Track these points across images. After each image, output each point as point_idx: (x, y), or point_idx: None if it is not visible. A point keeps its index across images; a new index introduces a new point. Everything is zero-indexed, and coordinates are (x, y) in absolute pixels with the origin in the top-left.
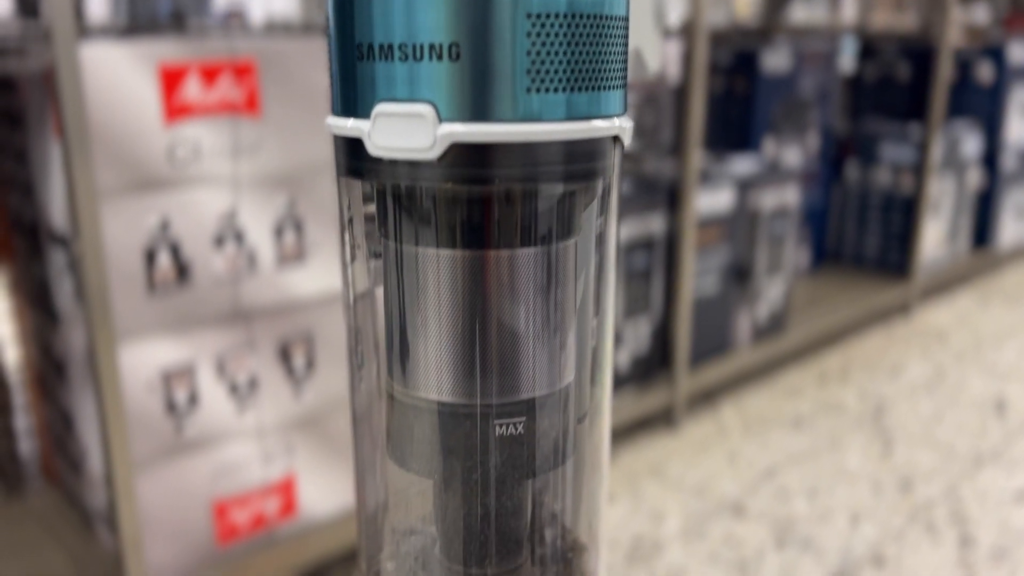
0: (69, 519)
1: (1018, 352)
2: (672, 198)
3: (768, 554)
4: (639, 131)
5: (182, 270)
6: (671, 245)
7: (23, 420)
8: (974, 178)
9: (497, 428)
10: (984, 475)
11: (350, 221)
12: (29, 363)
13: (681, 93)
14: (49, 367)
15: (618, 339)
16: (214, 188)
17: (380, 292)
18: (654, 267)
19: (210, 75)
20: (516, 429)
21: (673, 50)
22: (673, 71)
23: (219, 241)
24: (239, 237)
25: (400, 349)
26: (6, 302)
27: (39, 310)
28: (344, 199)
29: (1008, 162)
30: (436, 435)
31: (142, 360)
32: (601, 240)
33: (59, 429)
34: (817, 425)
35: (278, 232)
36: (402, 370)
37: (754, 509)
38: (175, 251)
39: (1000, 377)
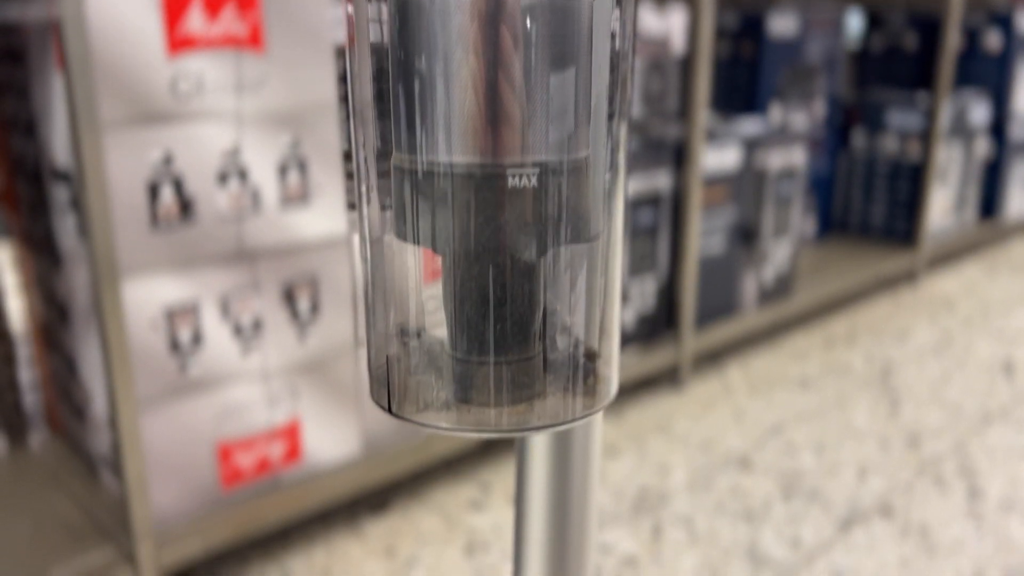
0: (74, 468)
1: None
2: (679, 156)
3: (775, 504)
4: (645, 98)
5: (185, 206)
6: (677, 203)
7: (27, 374)
8: (982, 147)
9: (510, 180)
10: (993, 432)
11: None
12: (32, 313)
13: (687, 61)
14: (52, 313)
15: (624, 297)
16: (217, 123)
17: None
18: (660, 225)
19: (213, 7)
20: (529, 181)
21: (678, 20)
22: (678, 42)
23: (222, 178)
24: (242, 174)
25: (406, 112)
26: (8, 252)
27: (42, 254)
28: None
29: (1016, 131)
30: (447, 199)
31: (145, 297)
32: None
33: (63, 377)
34: (824, 385)
35: (282, 171)
36: (409, 136)
37: (760, 463)
38: (178, 186)
39: (1008, 342)
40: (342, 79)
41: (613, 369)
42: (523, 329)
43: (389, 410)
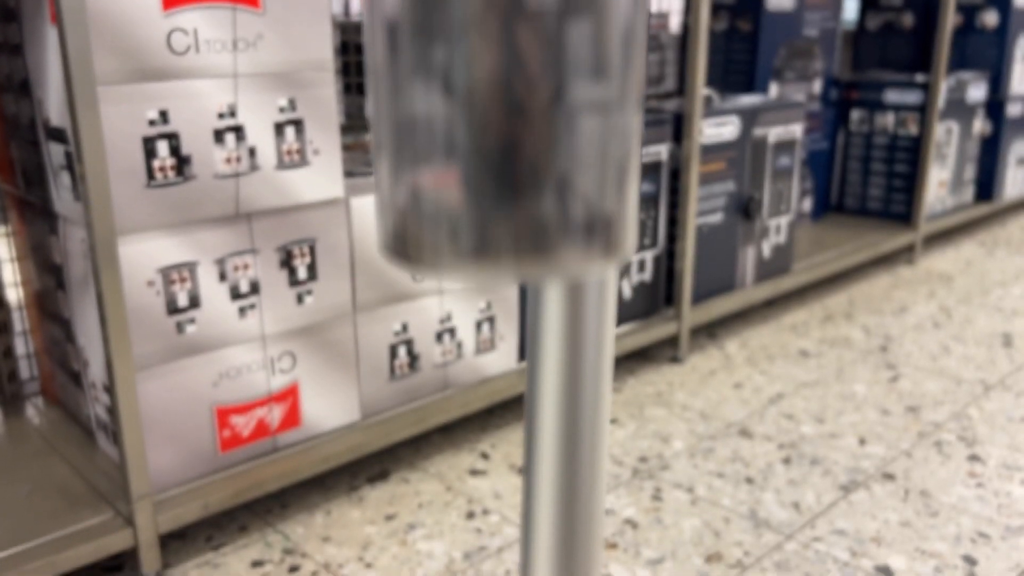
0: (71, 435)
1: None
2: (678, 128)
3: (776, 470)
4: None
5: (181, 163)
6: (676, 175)
7: (22, 347)
8: (979, 125)
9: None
10: (992, 401)
11: None
12: (28, 282)
13: (685, 34)
14: (49, 280)
15: (623, 270)
16: (213, 80)
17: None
18: (660, 196)
19: None
20: None
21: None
22: (676, 22)
23: (218, 136)
24: (239, 133)
25: None
26: (4, 227)
27: (38, 220)
28: None
29: (1013, 110)
30: (463, 27)
31: (142, 256)
32: None
33: (60, 343)
34: (823, 357)
35: (278, 131)
36: None
37: (760, 431)
38: (174, 143)
39: (1007, 316)
40: (340, 50)
41: (629, 230)
42: (539, 178)
43: (402, 260)
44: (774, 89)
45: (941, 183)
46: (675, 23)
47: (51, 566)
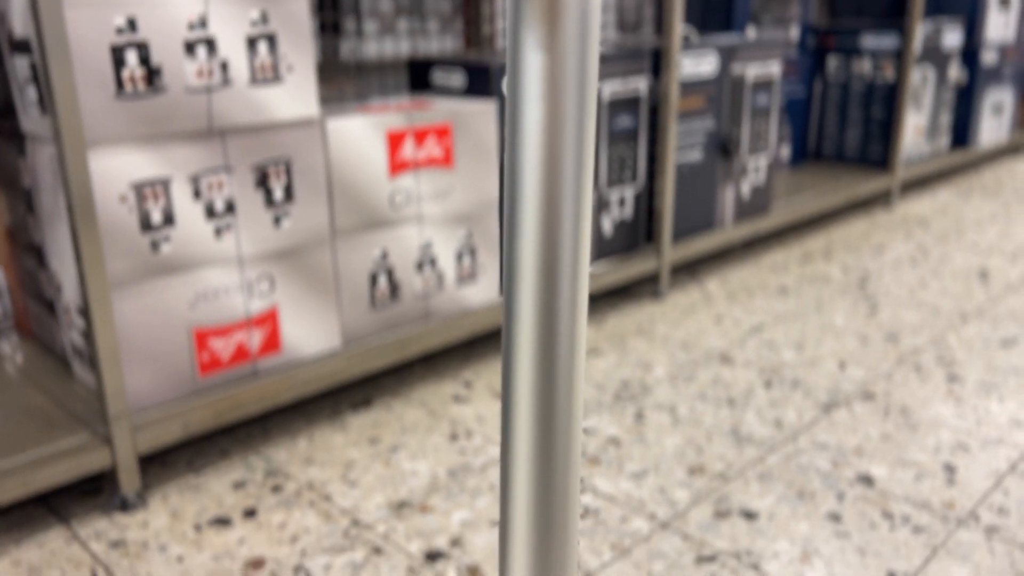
0: (47, 366)
1: (999, 233)
2: (656, 64)
3: (757, 392)
4: (621, 27)
5: (152, 74)
6: (655, 113)
7: None
8: (954, 72)
9: None
10: (970, 328)
11: None
12: None
13: None
14: (19, 208)
15: (604, 206)
16: None
17: None
18: (639, 132)
19: None
20: None
21: None
22: None
23: (189, 48)
24: (210, 46)
25: None
26: None
27: (5, 146)
28: None
29: (988, 57)
30: None
31: (113, 170)
32: None
33: (32, 272)
34: (802, 292)
35: (251, 45)
36: None
37: (741, 358)
38: (143, 53)
39: (983, 253)
40: None
41: None
42: None
43: None
44: (751, 33)
45: (917, 129)
46: None
47: (25, 485)
